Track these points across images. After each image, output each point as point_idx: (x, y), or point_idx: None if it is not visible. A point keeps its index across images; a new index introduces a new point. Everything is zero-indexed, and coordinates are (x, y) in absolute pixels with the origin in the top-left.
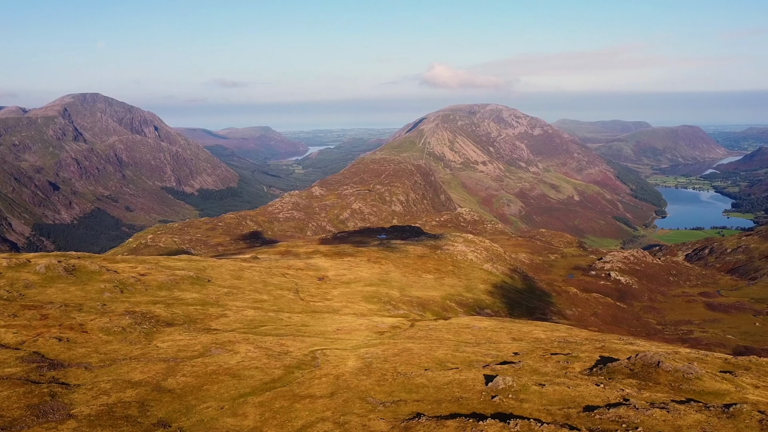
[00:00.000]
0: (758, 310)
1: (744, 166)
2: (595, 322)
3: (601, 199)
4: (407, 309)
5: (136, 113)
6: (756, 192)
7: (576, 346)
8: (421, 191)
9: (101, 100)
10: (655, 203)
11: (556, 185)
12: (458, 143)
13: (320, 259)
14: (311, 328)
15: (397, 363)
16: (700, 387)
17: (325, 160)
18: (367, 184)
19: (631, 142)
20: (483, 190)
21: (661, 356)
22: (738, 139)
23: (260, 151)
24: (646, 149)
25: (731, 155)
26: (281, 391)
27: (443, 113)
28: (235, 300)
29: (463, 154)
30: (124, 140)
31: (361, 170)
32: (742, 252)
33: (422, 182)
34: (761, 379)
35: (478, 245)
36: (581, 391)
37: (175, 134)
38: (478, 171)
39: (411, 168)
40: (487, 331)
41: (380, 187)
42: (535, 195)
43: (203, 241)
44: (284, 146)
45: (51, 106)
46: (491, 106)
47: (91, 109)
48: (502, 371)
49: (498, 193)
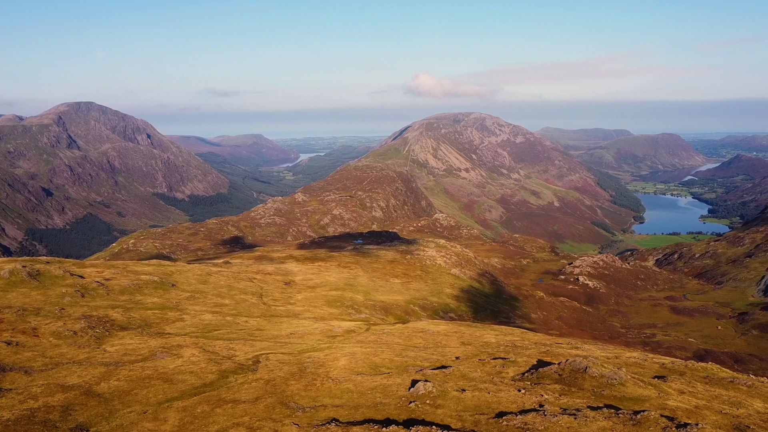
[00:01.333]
0: (721, 313)
1: (721, 173)
2: (558, 326)
3: (581, 205)
4: (369, 313)
5: (130, 121)
6: (732, 198)
7: (521, 350)
8: (402, 197)
9: (95, 109)
10: (634, 209)
11: (536, 191)
12: (442, 150)
13: (292, 263)
14: (265, 333)
15: (334, 367)
16: (621, 393)
17: (315, 167)
18: (349, 190)
19: (613, 149)
20: (465, 196)
21: (590, 362)
22: (716, 147)
23: (252, 158)
24: (627, 156)
25: (709, 162)
26: (209, 395)
27: (427, 121)
28: (195, 304)
29: (446, 161)
30: (117, 147)
31: (344, 177)
32: (710, 257)
33: (403, 189)
34: (690, 385)
35: (449, 250)
36: (500, 396)
37: (168, 142)
38: (460, 178)
39: (392, 175)
40: (440, 335)
41: (362, 193)
42: (516, 201)
43: (184, 245)
44: (276, 153)
45: (46, 115)
46: (475, 115)
47: (85, 118)
48: (432, 376)
49: (480, 199)
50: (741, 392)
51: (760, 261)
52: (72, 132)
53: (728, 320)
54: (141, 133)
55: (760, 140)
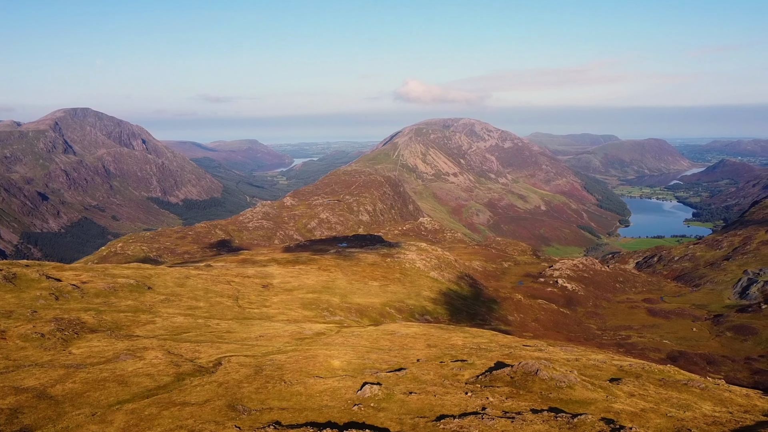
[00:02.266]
0: (697, 315)
1: (706, 177)
2: (535, 328)
3: (567, 209)
4: (344, 315)
5: (125, 127)
6: (716, 202)
7: (485, 352)
8: (389, 201)
9: (91, 115)
10: (620, 213)
11: (524, 195)
12: (430, 155)
13: (273, 267)
14: (234, 335)
15: (291, 370)
16: (568, 396)
17: (308, 171)
18: (337, 194)
19: (600, 154)
20: (453, 200)
21: (542, 365)
22: (702, 152)
23: (247, 162)
24: (614, 161)
25: (695, 167)
26: (160, 398)
27: (417, 127)
28: (169, 307)
29: (435, 166)
30: (112, 153)
31: (333, 181)
32: (689, 260)
33: (391, 193)
34: (643, 388)
35: (429, 254)
36: (445, 400)
37: (163, 147)
38: (449, 182)
39: (380, 179)
40: (408, 337)
41: (349, 197)
42: (503, 205)
43: (171, 249)
44: (270, 158)
45: (43, 120)
46: (464, 120)
47: (81, 123)
48: (385, 379)
49: (467, 203)
50: (693, 395)
51: (737, 264)
52: (68, 137)
53: (703, 322)
54: (136, 138)
55: (744, 145)
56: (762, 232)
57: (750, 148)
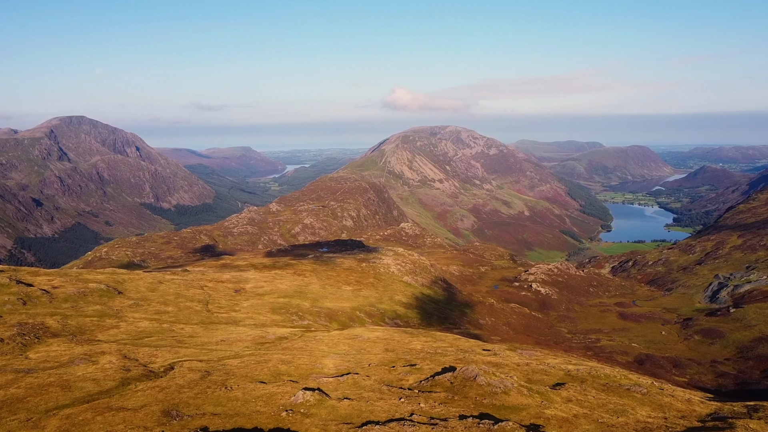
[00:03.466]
0: (667, 319)
1: (687, 183)
2: (505, 331)
3: (550, 214)
4: (312, 319)
5: (119, 134)
6: (696, 207)
7: (439, 356)
8: (373, 207)
9: (86, 123)
10: (602, 218)
11: (507, 201)
12: (417, 162)
13: (250, 271)
14: (196, 339)
15: (237, 375)
16: (502, 401)
17: (300, 177)
18: (323, 200)
19: (584, 161)
20: (438, 205)
21: (481, 370)
22: (685, 158)
23: (241, 169)
24: (598, 167)
25: (677, 173)
26: (99, 403)
27: (404, 134)
28: (136, 312)
29: (421, 173)
30: (107, 159)
31: (319, 188)
32: (662, 264)
33: (376, 199)
34: (584, 393)
35: (406, 258)
36: (377, 406)
37: (156, 154)
38: (434, 188)
39: (365, 186)
40: (368, 341)
41: (334, 203)
42: (487, 210)
43: (155, 254)
44: (264, 165)
45: (38, 128)
46: (451, 128)
47: (76, 131)
48: (325, 384)
49: (452, 208)
50: (633, 400)
51: (708, 268)
52: (63, 145)
53: (673, 326)
54: (130, 145)
55: (726, 152)
56: (734, 237)
57: (731, 155)
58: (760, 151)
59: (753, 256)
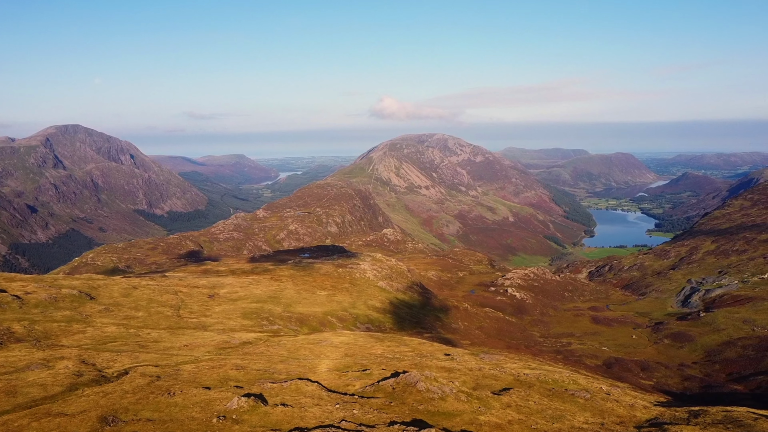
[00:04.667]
0: (639, 323)
1: (670, 190)
2: (477, 335)
3: (534, 220)
4: (283, 324)
5: (114, 142)
6: (677, 213)
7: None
8: (358, 213)
9: (82, 131)
10: (585, 223)
11: (492, 207)
12: (404, 169)
13: (227, 277)
14: (159, 344)
15: (185, 381)
16: (437, 407)
17: (292, 184)
18: (309, 207)
19: (569, 167)
20: (425, 212)
21: (423, 376)
22: (668, 165)
23: (235, 176)
24: (583, 174)
25: (660, 180)
26: (40, 408)
27: (392, 142)
28: (105, 317)
29: (407, 179)
30: (101, 167)
31: (306, 194)
32: (638, 269)
33: (361, 205)
34: (527, 398)
35: (383, 264)
36: (311, 412)
37: (150, 161)
38: (421, 195)
39: (351, 192)
40: (331, 346)
41: (320, 210)
42: (472, 216)
43: (141, 259)
44: (257, 172)
45: (35, 137)
46: (438, 136)
47: (71, 139)
48: (268, 390)
49: (438, 214)
50: (576, 405)
51: (682, 273)
52: (59, 153)
53: (644, 329)
54: (124, 153)
55: (708, 159)
56: (708, 242)
57: (713, 162)
58: (742, 158)
59: (725, 261)
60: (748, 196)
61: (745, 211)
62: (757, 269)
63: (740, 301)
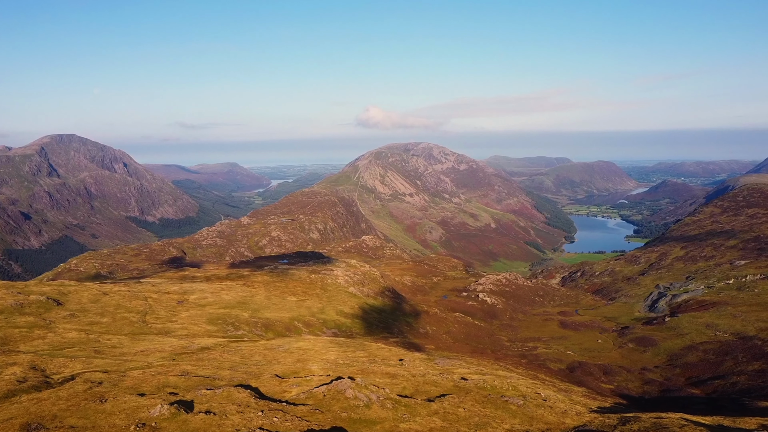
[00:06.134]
0: (606, 327)
1: (649, 197)
2: (445, 340)
3: (516, 227)
4: (248, 329)
5: (108, 151)
6: (655, 219)
7: (344, 368)
8: (341, 220)
9: (76, 140)
10: (566, 230)
11: (475, 214)
12: (389, 177)
13: (201, 283)
14: (117, 350)
15: (124, 387)
16: (360, 415)
17: (282, 192)
18: (293, 214)
19: (552, 175)
20: (408, 218)
21: (353, 384)
22: (648, 173)
23: (227, 184)
24: (565, 182)
25: (640, 187)
26: None
27: (377, 151)
28: (69, 323)
29: (392, 187)
30: (94, 175)
31: (291, 202)
32: (608, 274)
33: (344, 212)
34: (459, 405)
35: (356, 269)
36: (230, 420)
37: (143, 170)
38: (405, 202)
39: (334, 200)
40: (286, 352)
41: (303, 217)
42: (455, 223)
43: (123, 266)
44: (249, 180)
45: (30, 146)
46: (423, 144)
47: (66, 148)
48: (200, 397)
49: (422, 221)
50: (507, 412)
51: (651, 278)
52: (53, 161)
53: (610, 334)
54: (118, 162)
55: (687, 167)
56: (677, 248)
57: (692, 170)
58: (720, 165)
59: (693, 266)
60: (719, 204)
61: (715, 218)
62: (723, 275)
63: (705, 306)
